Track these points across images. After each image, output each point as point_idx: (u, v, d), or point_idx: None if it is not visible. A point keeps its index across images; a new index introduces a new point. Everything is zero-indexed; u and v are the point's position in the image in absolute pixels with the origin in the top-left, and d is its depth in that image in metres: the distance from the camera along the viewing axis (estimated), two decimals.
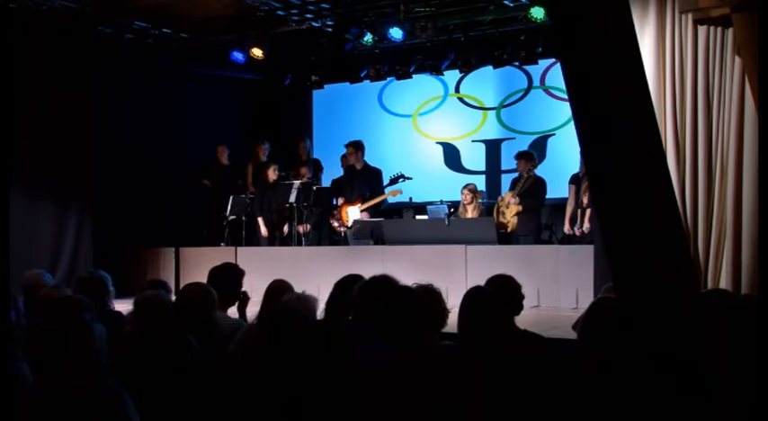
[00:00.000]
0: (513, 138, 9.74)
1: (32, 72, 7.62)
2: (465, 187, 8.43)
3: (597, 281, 5.47)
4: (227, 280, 3.88)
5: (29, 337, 2.19)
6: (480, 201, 8.43)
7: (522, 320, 3.34)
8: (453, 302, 2.94)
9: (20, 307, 3.58)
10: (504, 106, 9.92)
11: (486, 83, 9.98)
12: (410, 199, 9.07)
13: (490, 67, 9.74)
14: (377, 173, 8.74)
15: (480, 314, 2.71)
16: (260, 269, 7.33)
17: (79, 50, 8.13)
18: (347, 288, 3.32)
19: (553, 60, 9.30)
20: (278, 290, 3.74)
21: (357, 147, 8.75)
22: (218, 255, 8.02)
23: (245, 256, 8.13)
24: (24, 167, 7.68)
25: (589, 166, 2.15)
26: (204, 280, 3.78)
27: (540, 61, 9.26)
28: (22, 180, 7.69)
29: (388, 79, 10.40)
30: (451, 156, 10.22)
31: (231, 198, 8.93)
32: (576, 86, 1.97)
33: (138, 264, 8.51)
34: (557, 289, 6.44)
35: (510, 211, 7.88)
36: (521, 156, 8.13)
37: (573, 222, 7.45)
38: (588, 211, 7.17)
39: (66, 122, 8.12)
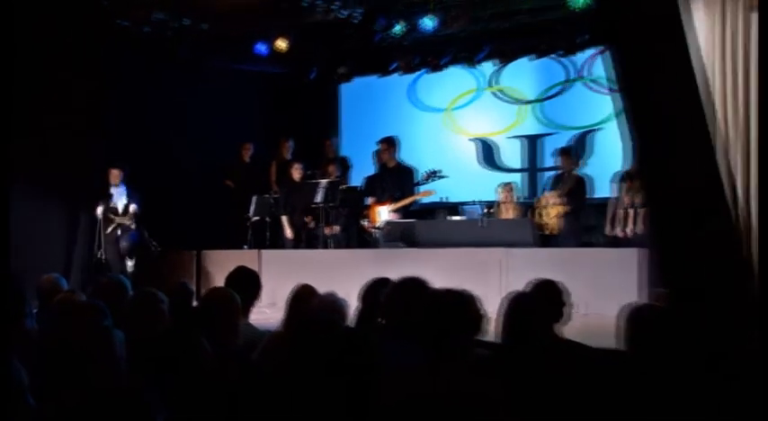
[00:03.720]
0: (553, 134, 9.65)
1: (42, 68, 7.71)
2: (501, 186, 8.36)
3: (645, 286, 5.39)
4: (247, 285, 3.89)
5: (47, 346, 2.21)
6: (518, 200, 8.36)
7: (566, 329, 3.29)
8: (489, 309, 2.91)
9: (32, 312, 3.62)
10: (543, 100, 9.82)
11: (523, 75, 9.89)
12: (443, 199, 9.02)
13: (527, 59, 9.66)
14: (409, 171, 8.71)
15: (521, 321, 2.68)
16: (285, 273, 7.35)
17: (93, 45, 8.21)
18: (377, 292, 3.31)
19: (595, 50, 9.19)
20: (303, 295, 3.73)
21: (390, 143, 8.73)
22: (241, 257, 8.05)
23: (270, 259, 8.16)
24: (35, 166, 7.78)
25: (642, 163, 2.11)
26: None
27: (580, 52, 9.16)
28: (31, 179, 7.78)
29: (420, 72, 10.36)
30: (487, 153, 10.15)
31: (254, 198, 8.97)
32: (628, 76, 1.93)
33: (158, 267, 8.58)
34: (601, 295, 6.36)
35: (551, 212, 7.80)
36: (562, 152, 8.05)
37: (616, 223, 7.35)
38: (633, 212, 7.07)
39: (78, 120, 8.20)
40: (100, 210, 8.01)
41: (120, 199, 8.27)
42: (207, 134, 9.60)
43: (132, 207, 8.30)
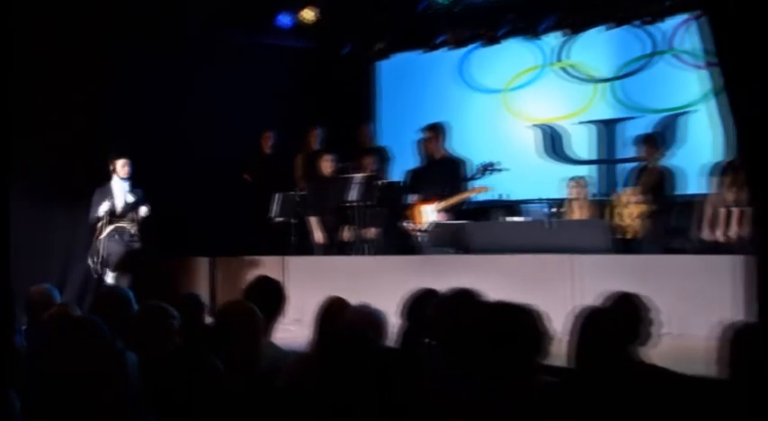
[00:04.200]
0: (634, 118, 9.55)
1: (35, 58, 7.91)
2: (571, 180, 8.30)
3: (745, 300, 5.29)
4: (269, 298, 3.93)
5: (38, 368, 2.25)
6: (591, 198, 8.29)
7: (648, 351, 3.26)
8: (556, 327, 2.90)
9: (21, 329, 3.69)
10: (621, 77, 9.73)
11: (597, 48, 9.81)
12: (501, 196, 8.97)
13: (602, 28, 9.57)
14: (459, 164, 8.70)
15: (595, 342, 2.67)
16: (313, 283, 7.39)
17: (90, 25, 8.36)
18: (422, 307, 3.31)
19: (686, 17, 9.07)
20: (335, 310, 3.76)
21: (436, 130, 8.72)
22: (262, 265, 8.13)
23: (296, 267, 8.21)
24: (27, 165, 7.95)
25: (744, 153, 2.07)
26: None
27: (667, 19, 9.04)
28: (24, 180, 7.95)
29: (472, 46, 10.34)
30: (553, 142, 10.10)
31: (277, 196, 9.04)
32: (728, 47, 1.89)
33: (166, 276, 8.69)
34: (691, 311, 6.27)
35: (630, 212, 7.72)
36: (644, 140, 7.96)
37: (716, 225, 7.21)
38: (737, 211, 6.95)
39: (74, 112, 8.37)
40: (105, 207, 7.94)
41: (123, 197, 8.09)
42: (221, 122, 9.69)
43: (143, 210, 8.12)
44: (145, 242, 8.20)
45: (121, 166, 8.06)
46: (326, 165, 9.01)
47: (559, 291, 6.79)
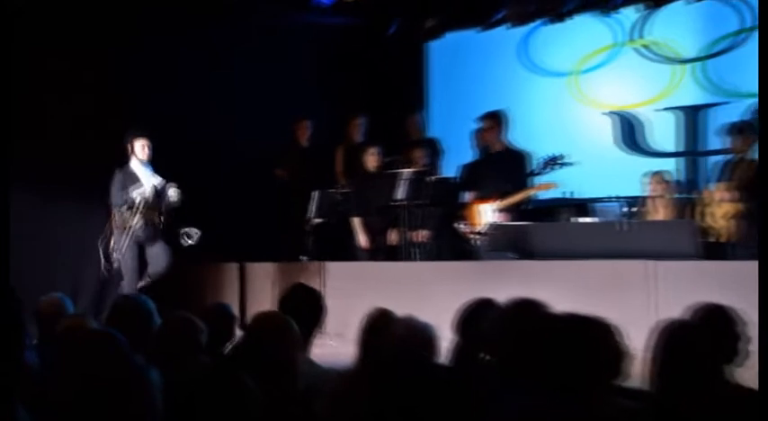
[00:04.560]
0: (724, 104, 9.44)
1: (39, 43, 8.08)
2: (650, 175, 8.21)
3: None
4: (306, 309, 3.95)
5: (52, 388, 2.29)
6: (674, 196, 8.20)
7: (742, 372, 3.23)
8: (633, 343, 2.88)
9: (32, 344, 3.75)
10: (710, 56, 9.63)
11: (681, 23, 9.73)
12: (568, 194, 8.91)
13: (688, 1, 9.48)
14: (521, 157, 8.66)
15: (680, 361, 2.64)
16: (356, 293, 7.41)
17: (95, 10, 8.50)
18: (478, 319, 3.31)
19: None
20: (381, 323, 3.76)
21: (495, 119, 8.70)
22: (299, 272, 8.16)
23: (336, 274, 8.24)
24: (36, 161, 8.07)
25: None
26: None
27: None
28: (32, 176, 8.07)
29: (535, 23, 10.30)
30: (629, 132, 10.02)
31: (316, 194, 9.07)
32: None
33: (190, 285, 8.77)
34: None
35: (721, 212, 7.63)
36: (736, 129, 7.85)
37: None
38: None
39: (85, 88, 8.48)
40: (140, 190, 7.77)
41: (149, 182, 7.93)
42: (251, 109, 9.75)
43: (173, 193, 7.94)
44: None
45: (141, 147, 7.96)
46: (371, 160, 9.03)
47: (637, 303, 6.73)
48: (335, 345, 7.04)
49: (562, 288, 6.80)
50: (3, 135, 6.23)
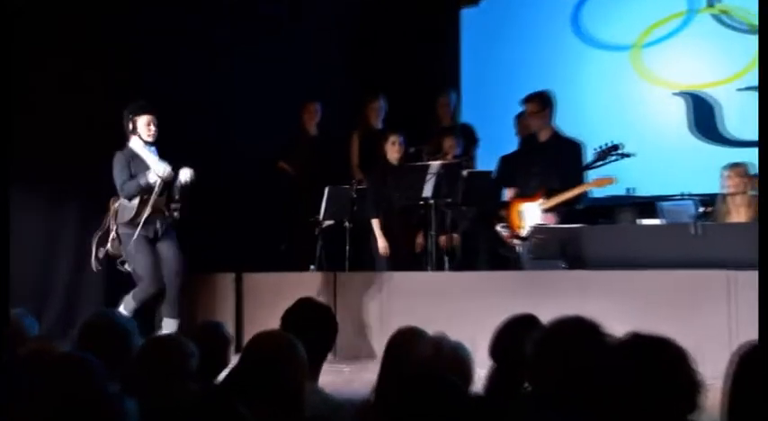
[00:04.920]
0: None
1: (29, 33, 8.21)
2: (727, 169, 8.16)
3: None
4: (315, 328, 3.94)
5: None
6: (755, 192, 8.15)
7: None
8: (708, 370, 2.86)
9: None
10: None
11: None
12: (629, 191, 8.87)
13: None
14: (572, 147, 8.63)
15: (760, 394, 2.62)
16: (375, 308, 7.40)
17: None
18: (520, 341, 3.29)
19: None
20: (405, 344, 3.75)
21: (542, 102, 8.65)
22: (307, 284, 8.16)
23: (351, 287, 8.23)
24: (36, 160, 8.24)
25: None
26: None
27: None
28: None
29: None
30: (704, 116, 9.97)
31: (327, 190, 9.07)
32: None
33: (181, 297, 8.79)
34: None
35: None
36: None
37: None
38: None
39: (67, 92, 8.57)
40: (158, 171, 7.47)
41: (155, 167, 7.57)
42: (250, 91, 9.75)
43: (186, 174, 7.65)
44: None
45: (145, 125, 7.64)
46: (392, 150, 9.01)
47: (713, 321, 6.70)
48: (350, 372, 7.05)
49: (622, 304, 6.77)
50: (3, 135, 6.33)
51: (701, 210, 7.91)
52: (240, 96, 9.67)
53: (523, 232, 8.46)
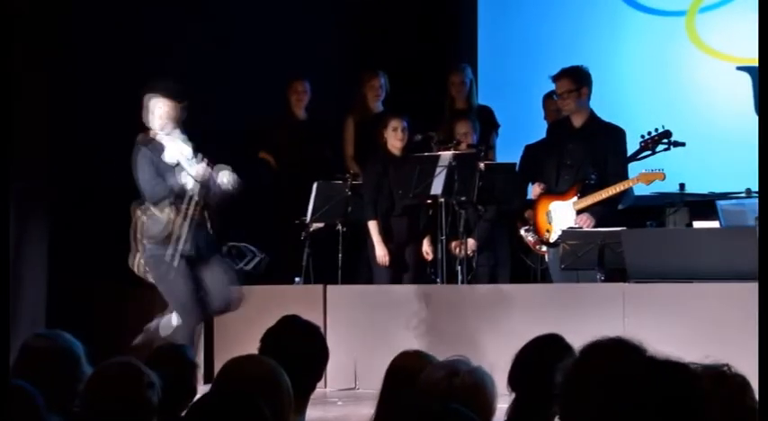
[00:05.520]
0: None
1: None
2: None
3: None
4: (301, 353, 3.94)
5: None
6: None
7: None
8: None
9: None
10: None
11: None
12: (681, 187, 8.88)
13: None
14: (615, 135, 8.63)
15: None
16: (373, 327, 7.41)
17: None
18: (544, 364, 3.30)
19: None
20: (410, 371, 3.76)
21: (577, 80, 8.63)
22: (291, 298, 8.17)
23: (344, 302, 8.24)
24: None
25: None
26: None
27: None
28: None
29: None
30: None
31: (315, 186, 9.08)
32: None
33: (135, 316, 8.79)
34: None
35: None
36: None
37: None
38: None
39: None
40: (199, 172, 7.23)
41: (186, 163, 7.37)
42: (224, 67, 9.76)
43: (225, 174, 7.41)
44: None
45: (172, 111, 7.43)
46: (394, 137, 9.03)
47: None
48: (343, 404, 7.05)
49: (670, 323, 6.79)
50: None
51: None
52: (211, 73, 9.67)
53: (552, 237, 8.46)
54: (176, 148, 7.39)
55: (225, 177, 7.41)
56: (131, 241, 7.43)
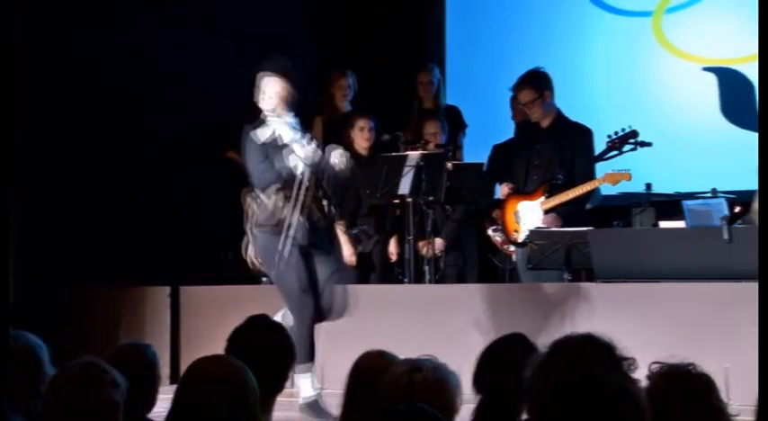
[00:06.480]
0: None
1: None
2: None
3: None
4: (268, 353, 3.93)
5: None
6: None
7: None
8: (741, 398, 2.87)
9: None
10: None
11: None
12: (647, 187, 8.91)
13: None
14: (582, 135, 8.64)
15: None
16: (341, 328, 7.38)
17: None
18: (512, 362, 3.29)
19: None
20: (375, 370, 3.75)
21: (537, 87, 8.63)
22: (256, 299, 8.14)
23: None
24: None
25: None
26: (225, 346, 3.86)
27: None
28: None
29: None
30: (736, 96, 10.02)
31: None
32: None
33: (102, 316, 8.75)
34: None
35: None
36: None
37: None
38: None
39: None
40: (309, 154, 6.92)
41: (295, 144, 7.06)
42: (189, 64, 9.73)
43: (337, 154, 7.13)
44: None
45: (282, 89, 7.19)
46: (361, 137, 9.03)
47: (746, 344, 6.72)
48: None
49: (638, 323, 6.79)
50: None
51: (735, 209, 7.92)
52: (176, 71, 9.64)
53: (520, 237, 8.47)
54: (285, 130, 7.11)
55: (337, 158, 7.15)
56: (246, 231, 7.22)
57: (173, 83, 9.58)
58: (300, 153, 6.92)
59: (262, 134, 7.06)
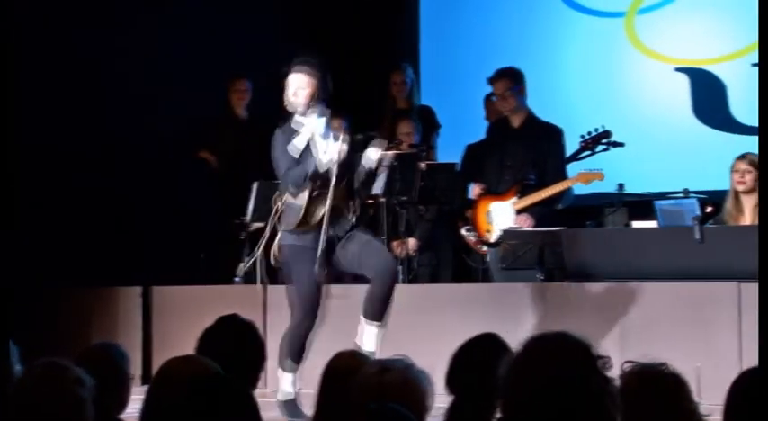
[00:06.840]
0: None
1: None
2: (738, 160, 8.21)
3: None
4: (240, 353, 3.92)
5: None
6: None
7: None
8: (715, 397, 2.87)
9: None
10: None
11: None
12: (619, 188, 8.93)
13: None
14: (554, 135, 8.67)
15: None
16: (315, 330, 7.37)
17: None
18: (485, 362, 3.29)
19: None
20: (347, 371, 3.75)
21: (513, 80, 8.66)
22: (229, 298, 8.12)
23: (284, 303, 8.16)
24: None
25: None
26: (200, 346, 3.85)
27: None
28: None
29: None
30: (709, 97, 10.04)
31: (255, 187, 9.03)
32: None
33: (72, 317, 8.71)
34: None
35: None
36: None
37: None
38: None
39: None
40: (334, 152, 6.77)
41: (322, 142, 6.90)
42: (163, 64, 9.71)
43: (373, 151, 7.08)
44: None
45: (306, 85, 6.99)
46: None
47: (718, 342, 6.75)
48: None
49: (610, 322, 6.80)
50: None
51: (707, 210, 7.94)
52: (150, 71, 9.62)
53: (493, 237, 8.48)
54: (311, 128, 6.92)
55: (372, 154, 7.08)
56: (271, 227, 7.12)
57: (154, 85, 9.56)
58: (327, 151, 6.80)
59: (289, 134, 6.90)
